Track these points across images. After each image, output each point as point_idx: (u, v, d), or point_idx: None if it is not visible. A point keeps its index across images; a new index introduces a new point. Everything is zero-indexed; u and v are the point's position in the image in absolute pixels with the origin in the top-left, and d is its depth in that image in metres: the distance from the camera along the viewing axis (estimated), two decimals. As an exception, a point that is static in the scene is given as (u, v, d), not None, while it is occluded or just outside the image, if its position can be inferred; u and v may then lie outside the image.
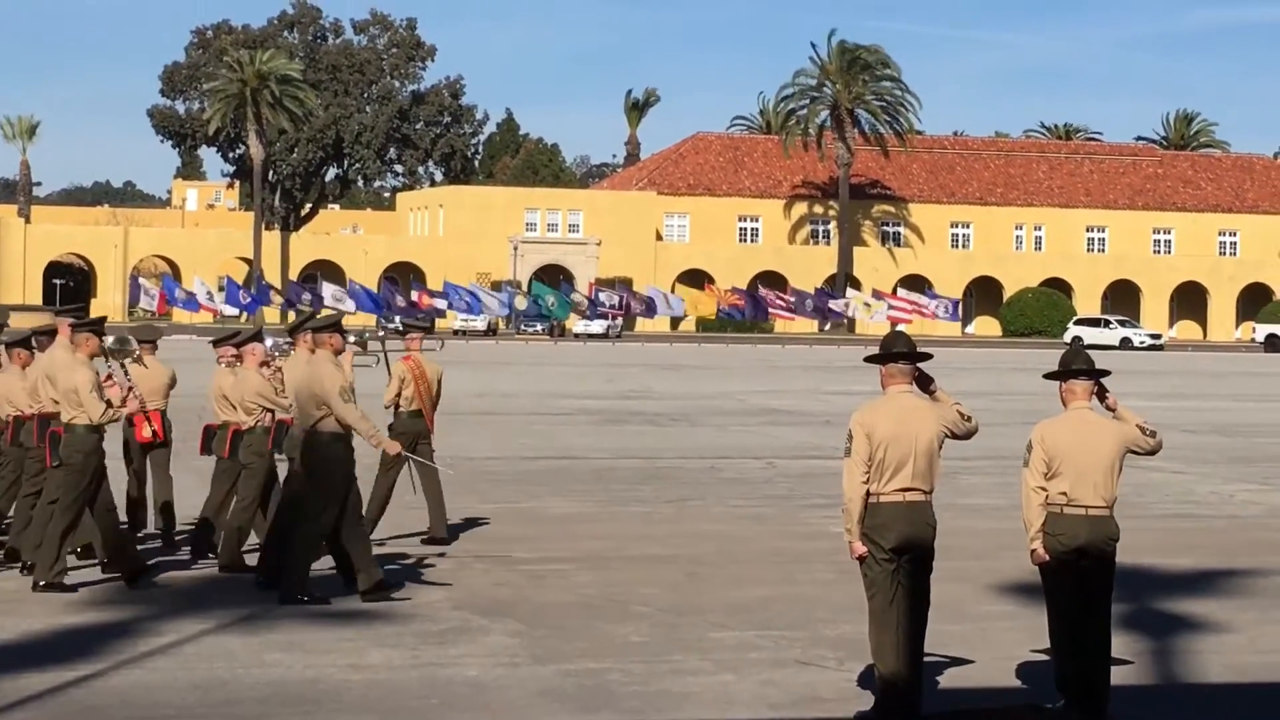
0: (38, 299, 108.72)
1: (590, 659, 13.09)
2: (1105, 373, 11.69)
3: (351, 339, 16.47)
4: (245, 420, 16.95)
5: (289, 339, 17.37)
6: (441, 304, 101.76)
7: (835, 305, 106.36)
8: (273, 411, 16.93)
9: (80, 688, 11.97)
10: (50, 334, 17.14)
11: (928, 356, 11.56)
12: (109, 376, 16.08)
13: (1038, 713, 11.59)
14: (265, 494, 17.08)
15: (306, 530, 15.20)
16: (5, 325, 20.98)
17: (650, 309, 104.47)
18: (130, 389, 16.44)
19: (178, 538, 18.20)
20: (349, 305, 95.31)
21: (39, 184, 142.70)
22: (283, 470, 16.82)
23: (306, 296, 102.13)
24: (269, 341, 18.35)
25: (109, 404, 15.63)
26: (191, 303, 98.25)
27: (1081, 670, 11.29)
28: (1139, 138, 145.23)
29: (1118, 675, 11.89)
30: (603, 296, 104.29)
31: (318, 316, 16.97)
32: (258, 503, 17.00)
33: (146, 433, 18.04)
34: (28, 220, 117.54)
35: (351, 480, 15.38)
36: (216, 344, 17.89)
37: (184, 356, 18.97)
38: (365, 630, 14.02)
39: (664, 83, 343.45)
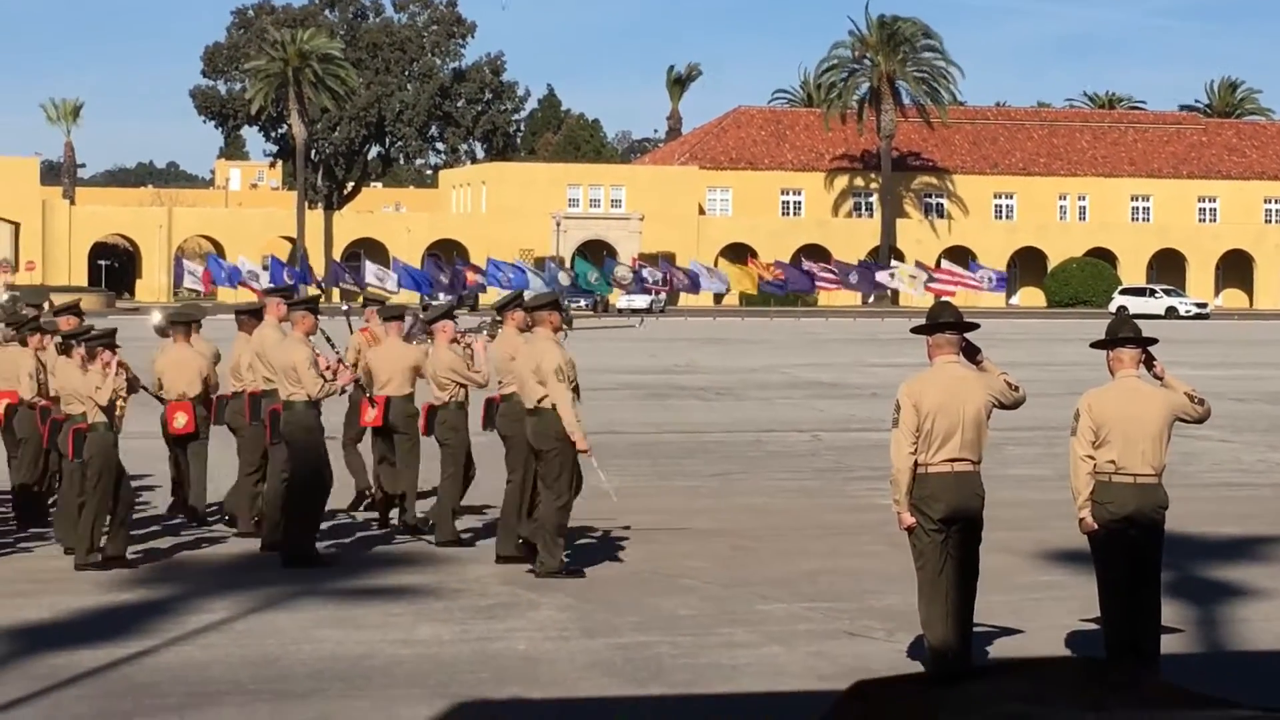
0: (83, 280, 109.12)
1: (640, 632, 13.12)
2: (1153, 340, 11.65)
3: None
4: (439, 396, 17.16)
5: (498, 316, 17.55)
6: (482, 279, 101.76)
7: (879, 277, 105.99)
8: (465, 387, 17.14)
9: (133, 664, 12.05)
10: (253, 313, 17.67)
11: (974, 326, 11.54)
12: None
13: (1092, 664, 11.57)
14: (467, 469, 17.41)
15: (560, 506, 15.29)
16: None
17: (694, 284, 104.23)
18: (340, 361, 16.69)
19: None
20: (392, 283, 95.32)
21: (83, 166, 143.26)
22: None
23: (348, 276, 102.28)
24: (408, 320, 18.53)
25: (324, 379, 15.97)
26: (235, 278, 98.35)
27: (1132, 639, 11.27)
28: (1182, 106, 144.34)
29: (1168, 643, 11.87)
30: (645, 272, 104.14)
31: (528, 296, 17.25)
32: (461, 478, 17.21)
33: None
34: (73, 202, 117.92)
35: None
36: (387, 320, 18.28)
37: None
38: (414, 606, 14.08)
39: (705, 57, 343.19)
